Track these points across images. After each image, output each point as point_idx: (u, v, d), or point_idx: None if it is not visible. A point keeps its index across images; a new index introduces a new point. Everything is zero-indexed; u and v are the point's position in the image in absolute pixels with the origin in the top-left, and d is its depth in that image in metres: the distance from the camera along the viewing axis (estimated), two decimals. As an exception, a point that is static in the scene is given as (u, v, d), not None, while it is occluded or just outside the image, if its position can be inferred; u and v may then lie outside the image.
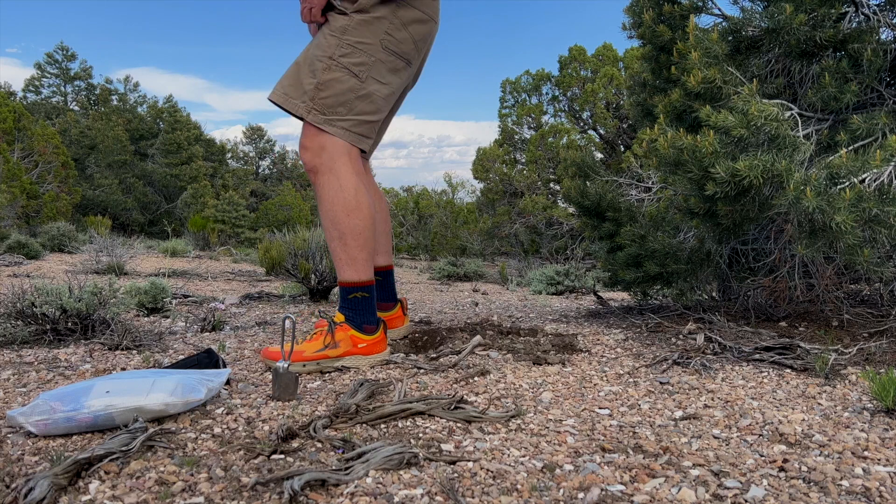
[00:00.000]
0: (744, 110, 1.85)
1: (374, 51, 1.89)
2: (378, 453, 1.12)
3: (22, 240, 7.13)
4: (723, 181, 1.84)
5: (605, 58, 12.44)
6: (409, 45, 1.96)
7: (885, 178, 1.79)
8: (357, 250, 1.87)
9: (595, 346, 2.20)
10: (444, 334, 2.32)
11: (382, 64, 1.91)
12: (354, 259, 1.87)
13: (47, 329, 2.15)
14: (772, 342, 2.02)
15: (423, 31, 2.00)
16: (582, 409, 1.49)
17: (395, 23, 1.92)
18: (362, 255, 1.88)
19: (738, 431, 1.34)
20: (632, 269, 2.56)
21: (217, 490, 1.03)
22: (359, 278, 1.88)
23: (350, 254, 1.87)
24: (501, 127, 13.33)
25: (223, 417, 1.38)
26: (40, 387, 1.61)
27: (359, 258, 1.87)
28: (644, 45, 2.79)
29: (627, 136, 12.01)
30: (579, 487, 1.06)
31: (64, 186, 15.55)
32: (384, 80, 1.93)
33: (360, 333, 1.86)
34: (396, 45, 1.93)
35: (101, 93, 28.47)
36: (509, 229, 11.68)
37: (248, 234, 17.23)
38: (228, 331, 2.51)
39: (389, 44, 1.91)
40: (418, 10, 1.96)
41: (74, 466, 1.05)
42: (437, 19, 2.06)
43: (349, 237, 1.86)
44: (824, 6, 2.10)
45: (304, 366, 1.78)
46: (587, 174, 2.94)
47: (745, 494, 1.04)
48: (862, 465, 1.16)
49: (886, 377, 1.45)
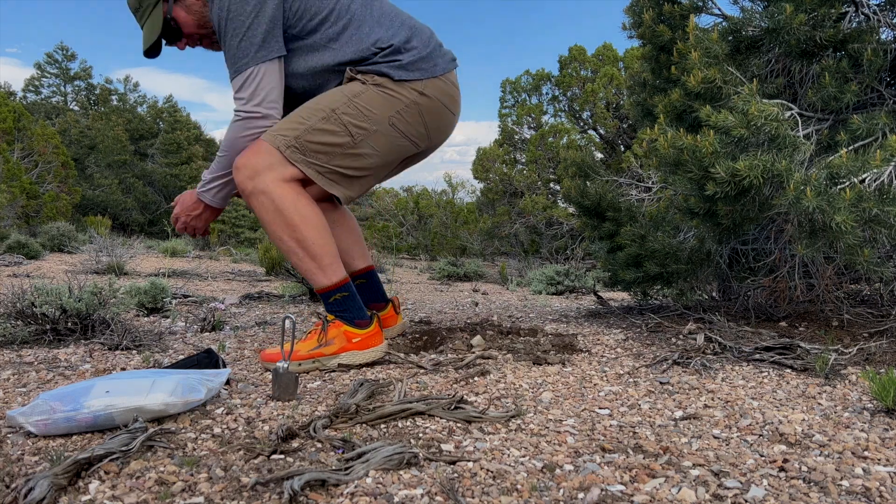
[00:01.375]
0: (744, 110, 1.85)
1: (378, 122, 1.86)
2: (378, 453, 1.12)
3: (22, 240, 7.13)
4: (723, 181, 1.84)
5: (605, 58, 12.43)
6: (418, 129, 1.94)
7: (885, 178, 1.79)
8: (318, 258, 1.84)
9: (595, 346, 2.20)
10: (444, 334, 2.32)
11: (383, 136, 1.89)
12: (319, 266, 1.84)
13: (47, 329, 2.15)
14: (772, 342, 2.02)
15: (439, 121, 1.99)
16: (582, 409, 1.49)
17: (412, 108, 1.90)
18: (325, 259, 1.84)
19: (739, 431, 1.34)
20: (632, 269, 2.56)
21: (217, 490, 1.03)
22: (330, 282, 1.86)
23: (313, 263, 1.84)
24: (501, 127, 13.33)
25: (223, 417, 1.38)
26: (40, 387, 1.61)
27: (323, 263, 1.84)
28: (644, 45, 2.79)
29: (627, 136, 12.01)
30: (579, 487, 1.06)
31: (64, 186, 15.55)
32: (379, 149, 1.90)
33: (352, 328, 1.85)
34: (405, 125, 1.91)
35: (101, 93, 28.48)
36: (509, 229, 11.68)
37: (247, 234, 17.23)
38: (228, 331, 2.51)
39: (398, 122, 1.89)
40: (439, 102, 1.95)
41: (74, 466, 1.05)
42: (456, 112, 2.05)
43: (305, 249, 1.82)
44: (824, 6, 2.10)
45: (300, 365, 1.78)
46: (587, 174, 2.94)
47: (745, 494, 1.04)
48: (862, 465, 1.16)
49: (886, 377, 1.45)
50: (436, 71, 1.93)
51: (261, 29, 1.79)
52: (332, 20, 1.86)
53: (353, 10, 1.88)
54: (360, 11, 1.89)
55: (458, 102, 2.05)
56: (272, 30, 1.80)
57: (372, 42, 1.86)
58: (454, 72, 2.03)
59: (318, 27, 1.86)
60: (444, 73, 1.96)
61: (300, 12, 1.84)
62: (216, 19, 1.82)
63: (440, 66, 1.95)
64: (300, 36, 1.86)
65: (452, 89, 2.00)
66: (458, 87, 2.05)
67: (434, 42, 1.99)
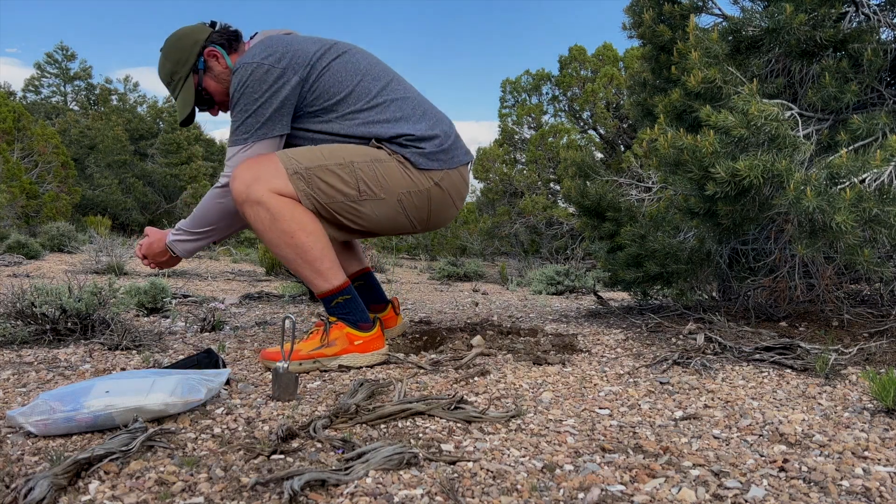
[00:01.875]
0: (744, 110, 1.85)
1: (388, 193, 1.88)
2: (378, 453, 1.12)
3: (22, 240, 7.13)
4: (723, 181, 1.84)
5: (605, 58, 12.43)
6: (421, 213, 1.97)
7: (885, 178, 1.79)
8: (318, 262, 1.83)
9: (595, 346, 2.20)
10: (445, 334, 2.32)
11: (387, 206, 1.91)
12: (319, 271, 1.84)
13: (47, 329, 2.15)
14: (772, 342, 2.02)
15: (443, 212, 2.02)
16: (582, 409, 1.49)
17: (423, 193, 1.93)
18: (325, 263, 1.84)
19: (739, 431, 1.34)
20: (632, 269, 2.56)
21: (217, 490, 1.02)
22: (332, 286, 1.86)
23: (312, 268, 1.84)
24: (501, 127, 13.32)
25: (223, 417, 1.38)
26: (40, 387, 1.61)
27: (323, 268, 1.84)
28: (644, 45, 2.79)
29: (627, 136, 12.01)
30: (579, 487, 1.06)
31: (64, 186, 15.55)
32: (378, 215, 1.91)
33: (355, 330, 1.86)
34: (410, 206, 1.93)
35: (101, 93, 28.48)
36: (509, 229, 11.67)
37: (247, 234, 17.21)
38: (228, 331, 2.51)
39: (405, 200, 1.92)
40: (448, 194, 1.99)
41: (74, 466, 1.05)
42: (460, 206, 2.09)
43: (303, 255, 1.82)
44: (824, 6, 2.10)
45: (301, 364, 1.78)
46: (587, 174, 2.94)
47: (745, 494, 1.04)
48: (862, 465, 1.16)
49: (887, 377, 1.45)
50: (453, 163, 1.98)
51: (270, 109, 1.82)
52: (351, 101, 1.89)
53: (372, 93, 1.91)
54: (382, 94, 1.92)
55: (465, 197, 2.10)
56: (281, 109, 1.83)
57: (396, 132, 1.90)
58: (468, 165, 2.07)
59: (335, 106, 1.89)
60: (461, 164, 2.01)
61: (318, 92, 1.87)
62: (232, 90, 1.84)
63: (457, 159, 2.00)
64: (317, 113, 1.90)
65: (463, 184, 2.04)
66: (468, 181, 2.10)
67: (454, 133, 2.04)
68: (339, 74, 1.88)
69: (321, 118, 1.90)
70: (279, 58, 1.81)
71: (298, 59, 1.83)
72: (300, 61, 1.83)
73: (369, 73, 1.93)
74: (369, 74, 1.92)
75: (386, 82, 1.95)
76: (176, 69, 1.95)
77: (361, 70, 1.92)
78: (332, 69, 1.87)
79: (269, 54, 1.82)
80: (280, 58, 1.82)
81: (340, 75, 1.88)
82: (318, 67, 1.86)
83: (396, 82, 1.98)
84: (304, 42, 1.89)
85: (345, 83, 1.88)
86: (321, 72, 1.86)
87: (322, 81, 1.86)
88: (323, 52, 1.88)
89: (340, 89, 1.88)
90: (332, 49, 1.91)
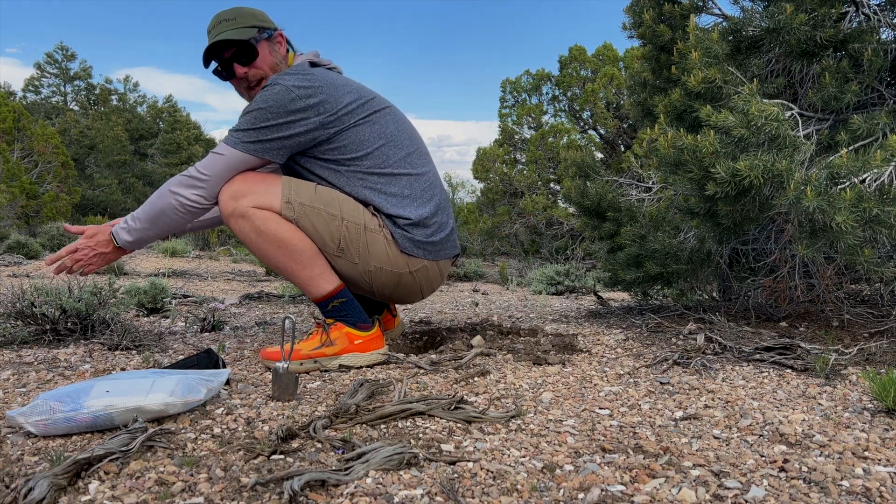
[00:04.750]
0: (744, 110, 1.85)
1: (363, 261, 1.88)
2: (378, 453, 1.12)
3: (21, 240, 7.13)
4: (723, 181, 1.84)
5: (606, 58, 12.42)
6: (386, 289, 1.98)
7: (885, 178, 1.79)
8: (309, 269, 1.84)
9: (595, 346, 2.20)
10: (445, 334, 2.32)
11: (357, 270, 1.90)
12: (311, 277, 1.84)
13: (47, 329, 2.15)
14: (772, 342, 2.02)
15: (407, 295, 2.03)
16: (582, 409, 1.49)
17: (394, 274, 1.94)
18: (316, 269, 1.84)
19: (739, 432, 1.34)
20: (632, 270, 2.56)
21: (217, 490, 1.02)
22: (326, 290, 1.86)
23: (305, 274, 1.84)
24: (501, 127, 13.32)
25: (223, 417, 1.38)
26: (40, 387, 1.61)
27: (314, 273, 1.84)
28: (644, 44, 2.79)
29: (627, 136, 12.01)
30: (579, 488, 1.06)
31: (63, 186, 15.55)
32: (346, 273, 1.90)
33: (355, 330, 1.86)
34: (378, 280, 1.93)
35: (101, 93, 28.49)
36: (509, 229, 11.67)
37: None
38: (228, 331, 2.51)
39: (375, 274, 1.92)
40: (419, 283, 1.99)
41: (74, 466, 1.05)
42: (427, 295, 2.08)
43: (295, 262, 1.82)
44: (824, 6, 2.10)
45: (301, 364, 1.78)
46: (587, 174, 2.94)
47: (745, 495, 1.04)
48: (862, 465, 1.16)
49: (887, 377, 1.45)
50: (438, 256, 1.99)
51: (276, 134, 1.80)
52: (367, 163, 1.89)
53: (390, 161, 1.91)
54: (398, 165, 1.92)
55: (436, 289, 2.10)
56: (286, 140, 1.81)
57: (396, 212, 1.89)
58: (450, 259, 2.06)
59: (350, 162, 1.89)
60: (444, 258, 2.01)
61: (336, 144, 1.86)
62: (259, 95, 1.82)
63: (444, 252, 2.01)
64: (330, 162, 1.89)
65: (438, 278, 2.04)
66: (446, 275, 2.09)
67: (451, 225, 2.04)
68: (363, 135, 1.87)
69: (332, 168, 1.89)
70: (312, 93, 1.80)
71: (328, 104, 1.82)
72: (329, 108, 1.82)
73: (394, 139, 1.92)
74: (393, 141, 1.91)
75: (407, 152, 1.94)
76: (254, 23, 1.93)
77: (387, 134, 1.91)
78: (357, 127, 1.86)
79: (306, 86, 1.80)
80: (313, 93, 1.80)
81: (364, 135, 1.87)
82: (344, 121, 1.85)
83: (418, 155, 1.97)
84: (343, 88, 1.86)
85: (366, 144, 1.88)
86: (346, 127, 1.85)
87: (344, 136, 1.86)
88: (355, 108, 1.86)
89: (359, 149, 1.87)
90: (365, 105, 1.89)
